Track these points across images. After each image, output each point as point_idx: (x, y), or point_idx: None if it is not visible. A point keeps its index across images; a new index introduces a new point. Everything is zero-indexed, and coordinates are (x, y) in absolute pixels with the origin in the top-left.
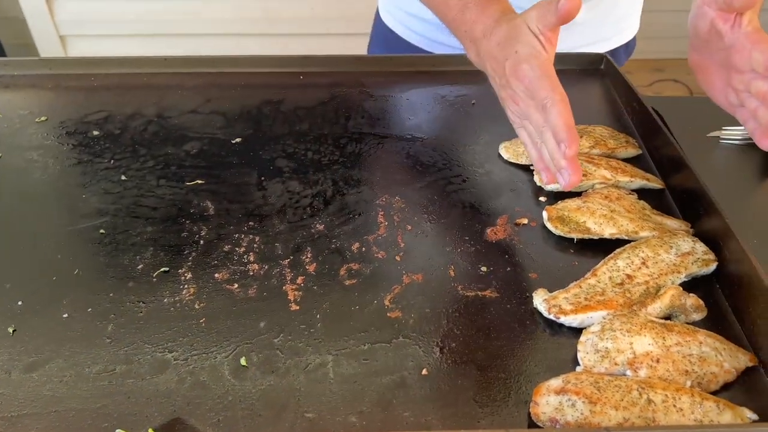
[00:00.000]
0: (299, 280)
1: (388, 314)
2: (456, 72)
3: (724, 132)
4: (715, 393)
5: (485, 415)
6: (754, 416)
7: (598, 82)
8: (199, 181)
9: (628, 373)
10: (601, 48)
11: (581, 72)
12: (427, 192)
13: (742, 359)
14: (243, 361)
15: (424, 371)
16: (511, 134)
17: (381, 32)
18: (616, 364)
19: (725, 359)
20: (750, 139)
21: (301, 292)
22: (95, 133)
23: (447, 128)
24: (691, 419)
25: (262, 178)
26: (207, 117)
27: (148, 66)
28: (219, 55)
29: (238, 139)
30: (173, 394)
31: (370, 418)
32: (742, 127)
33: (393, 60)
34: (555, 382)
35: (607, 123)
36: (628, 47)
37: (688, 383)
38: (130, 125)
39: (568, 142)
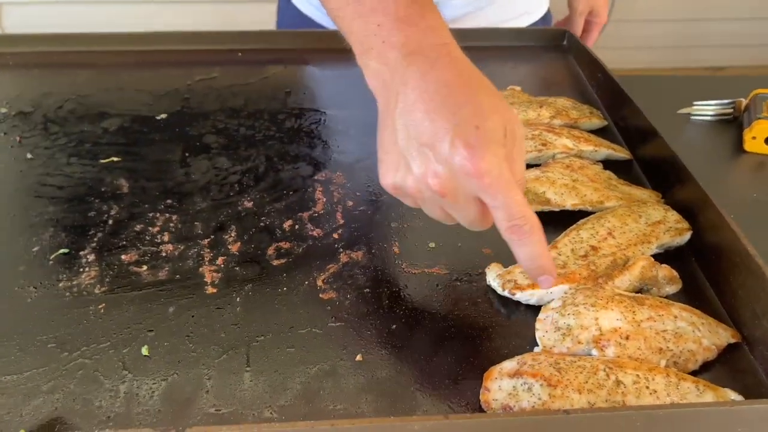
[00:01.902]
0: (219, 260)
1: (320, 296)
2: None
3: (695, 108)
4: (693, 373)
5: (428, 405)
6: (739, 397)
7: (560, 59)
8: (115, 159)
9: (594, 352)
10: (524, 22)
11: (542, 48)
12: (372, 167)
13: (723, 335)
14: (144, 351)
15: (358, 357)
16: None
17: (289, 15)
18: (579, 342)
19: (704, 335)
20: (723, 114)
21: (220, 274)
22: (2, 110)
23: None
24: (667, 402)
25: (187, 155)
26: (131, 94)
27: (70, 44)
28: (149, 31)
29: (163, 116)
30: (57, 390)
31: (290, 412)
32: (714, 102)
33: (339, 35)
34: (509, 365)
35: (570, 97)
36: (546, 20)
37: (663, 362)
38: (44, 103)
39: (544, 281)
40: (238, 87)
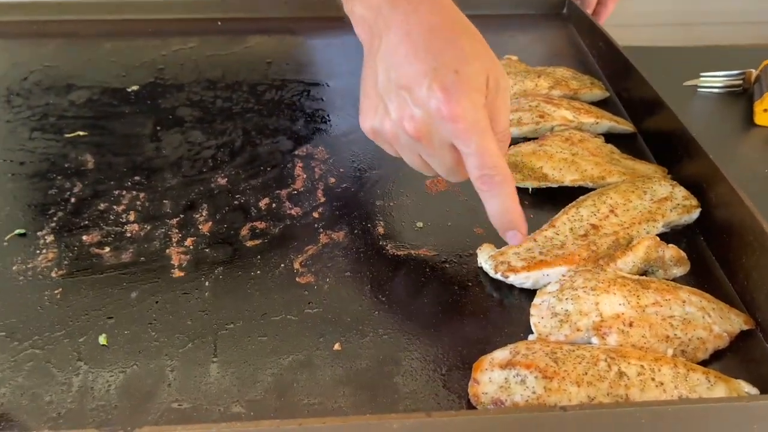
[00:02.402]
0: (188, 241)
1: (297, 279)
2: None
3: (702, 80)
4: (703, 363)
5: (411, 399)
6: (754, 389)
7: (560, 28)
8: (81, 133)
9: (594, 340)
10: None
11: (541, 17)
12: (358, 141)
13: (736, 321)
14: (102, 340)
15: (336, 346)
16: None
17: None
18: (578, 330)
19: (715, 321)
20: (732, 86)
21: (188, 256)
22: None
23: None
24: (675, 395)
25: (158, 128)
26: (102, 65)
27: (39, 12)
28: None
29: (134, 88)
30: (4, 383)
31: (260, 407)
32: (722, 73)
33: (328, 2)
34: (500, 354)
35: (570, 67)
36: None
37: (670, 351)
38: (10, 74)
39: (512, 237)
40: (216, 58)
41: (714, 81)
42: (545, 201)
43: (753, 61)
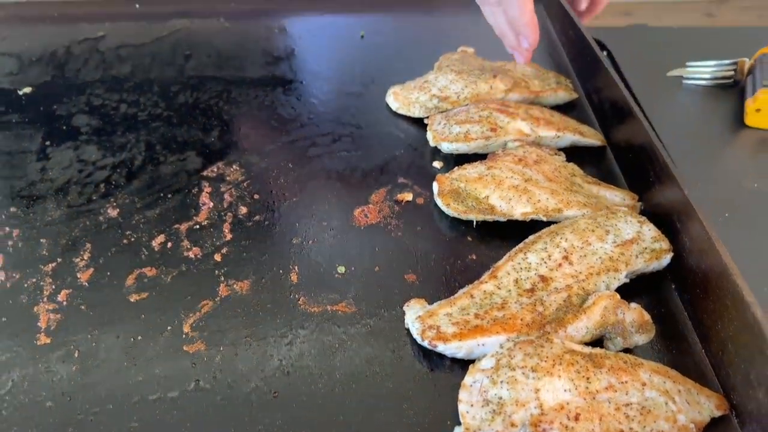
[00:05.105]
0: (61, 295)
1: (184, 347)
2: None
3: (688, 70)
4: None
5: None
6: None
7: None
8: None
9: None
10: None
11: None
12: (281, 157)
13: (706, 406)
14: None
15: None
16: (407, 77)
17: None
18: (512, 424)
19: (680, 409)
20: (721, 78)
21: (59, 315)
22: None
23: (323, 69)
24: None
25: (48, 143)
26: None
27: None
28: None
29: (27, 89)
30: None
31: None
32: (711, 63)
33: None
34: None
35: (536, 60)
36: None
37: None
38: None
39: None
40: (127, 49)
41: (702, 71)
42: (492, 235)
43: (747, 47)
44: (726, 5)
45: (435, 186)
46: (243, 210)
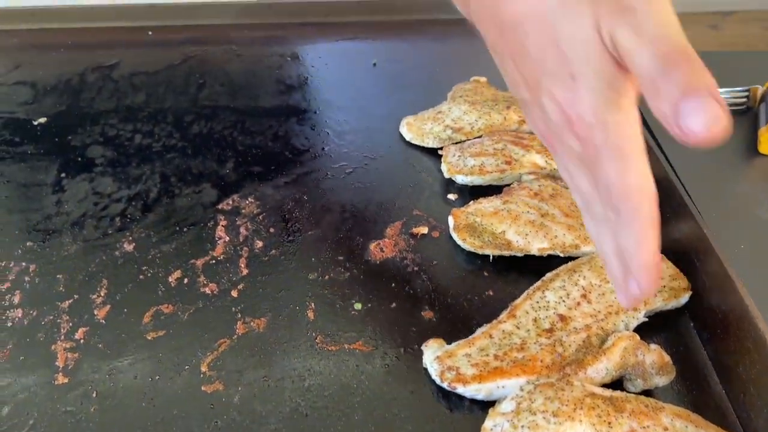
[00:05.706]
0: (79, 333)
1: (203, 387)
2: (356, 24)
3: None
4: None
5: None
6: None
7: None
8: None
9: None
10: None
11: None
12: (295, 190)
13: None
14: None
15: None
16: (420, 106)
17: None
18: None
19: None
20: (737, 104)
21: (77, 354)
22: None
23: (336, 97)
24: None
25: (63, 175)
26: (9, 89)
27: None
28: (39, 6)
29: (42, 119)
30: None
31: None
32: (723, 90)
33: (274, 8)
34: None
35: None
36: None
37: None
38: None
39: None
40: (141, 77)
41: None
42: (509, 269)
43: (761, 72)
44: (731, 17)
45: (450, 220)
46: (259, 244)
